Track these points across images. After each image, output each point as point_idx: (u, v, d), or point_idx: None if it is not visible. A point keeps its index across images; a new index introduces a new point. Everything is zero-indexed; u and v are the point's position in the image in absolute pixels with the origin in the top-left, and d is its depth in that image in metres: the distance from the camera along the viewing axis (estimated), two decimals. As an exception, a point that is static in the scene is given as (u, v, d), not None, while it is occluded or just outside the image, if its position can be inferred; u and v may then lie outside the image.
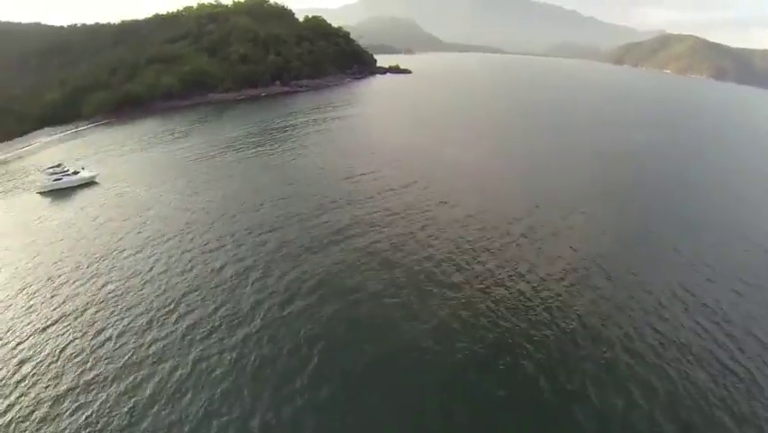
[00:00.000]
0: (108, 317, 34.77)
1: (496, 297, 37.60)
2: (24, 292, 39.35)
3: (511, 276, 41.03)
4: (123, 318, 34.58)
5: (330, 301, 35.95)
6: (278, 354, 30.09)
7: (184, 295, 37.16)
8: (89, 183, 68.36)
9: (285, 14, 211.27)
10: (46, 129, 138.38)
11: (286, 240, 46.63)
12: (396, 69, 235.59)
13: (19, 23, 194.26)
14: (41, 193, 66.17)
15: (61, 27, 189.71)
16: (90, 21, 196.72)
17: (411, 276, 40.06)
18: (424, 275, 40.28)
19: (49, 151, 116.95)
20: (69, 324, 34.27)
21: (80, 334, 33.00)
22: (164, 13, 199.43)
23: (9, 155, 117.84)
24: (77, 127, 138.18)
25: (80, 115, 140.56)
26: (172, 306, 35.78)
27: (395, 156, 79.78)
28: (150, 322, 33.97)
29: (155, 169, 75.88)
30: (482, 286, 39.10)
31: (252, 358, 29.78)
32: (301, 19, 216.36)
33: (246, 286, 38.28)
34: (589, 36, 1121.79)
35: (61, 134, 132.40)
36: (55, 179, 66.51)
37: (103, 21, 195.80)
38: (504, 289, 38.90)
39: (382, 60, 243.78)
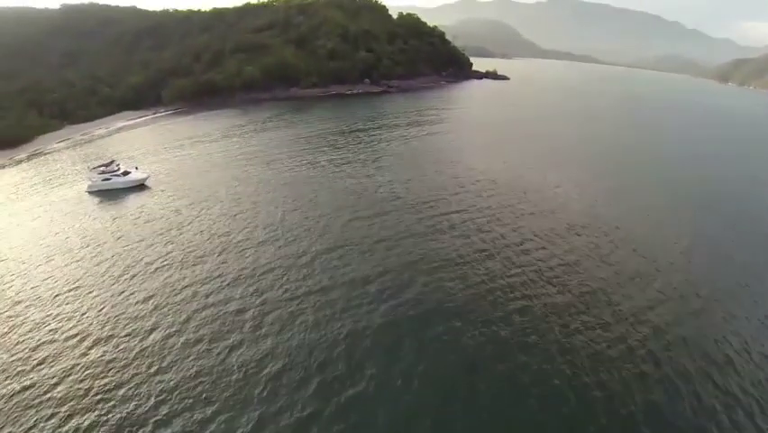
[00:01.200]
0: (75, 392, 26.29)
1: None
2: (8, 327, 32.81)
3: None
4: (97, 406, 25.30)
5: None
6: None
7: (181, 391, 26.02)
8: (139, 186, 62.16)
9: (378, 10, 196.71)
10: (126, 112, 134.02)
11: (322, 297, 34.80)
12: (493, 75, 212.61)
13: (117, 7, 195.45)
14: (89, 192, 61.33)
15: (155, 12, 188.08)
16: (183, 7, 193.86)
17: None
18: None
19: (122, 136, 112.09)
20: (33, 394, 26.52)
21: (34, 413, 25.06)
22: (255, 2, 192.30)
23: (83, 137, 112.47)
24: (155, 113, 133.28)
25: (160, 101, 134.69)
26: (161, 406, 25.08)
27: (492, 185, 62.46)
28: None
29: (212, 172, 68.10)
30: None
31: None
32: (395, 16, 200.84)
33: (260, 380, 26.64)
34: (692, 50, 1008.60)
35: (138, 119, 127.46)
36: (104, 180, 61.18)
37: (195, 8, 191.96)
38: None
39: (477, 64, 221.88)
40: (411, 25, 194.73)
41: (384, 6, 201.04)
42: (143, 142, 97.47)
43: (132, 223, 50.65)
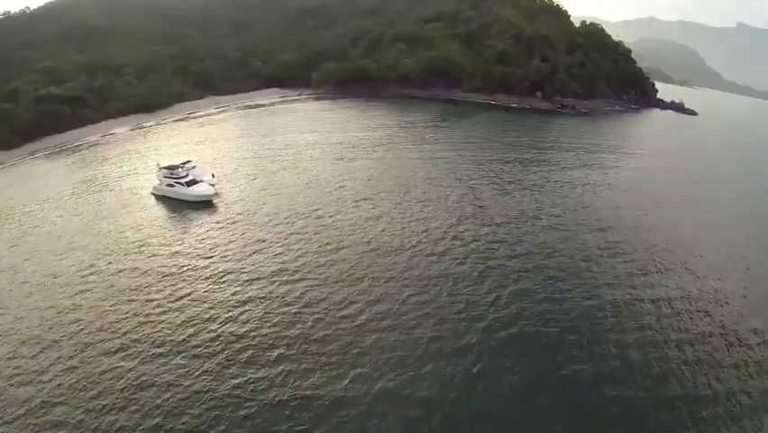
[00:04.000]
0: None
1: None
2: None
3: None
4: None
5: None
6: None
7: None
8: (204, 202, 52.02)
9: (559, 14, 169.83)
10: (271, 89, 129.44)
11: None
12: (680, 107, 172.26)
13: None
14: (153, 194, 55.02)
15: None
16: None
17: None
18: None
19: (248, 113, 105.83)
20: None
21: None
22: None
23: (217, 110, 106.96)
24: (299, 94, 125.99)
25: (308, 82, 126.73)
26: None
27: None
28: None
29: (301, 194, 54.30)
30: None
31: None
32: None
33: None
34: None
35: (279, 98, 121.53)
36: (167, 185, 53.59)
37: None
38: None
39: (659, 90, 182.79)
40: (594, 37, 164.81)
41: (566, 11, 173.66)
42: (262, 127, 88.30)
43: (164, 262, 39.13)
